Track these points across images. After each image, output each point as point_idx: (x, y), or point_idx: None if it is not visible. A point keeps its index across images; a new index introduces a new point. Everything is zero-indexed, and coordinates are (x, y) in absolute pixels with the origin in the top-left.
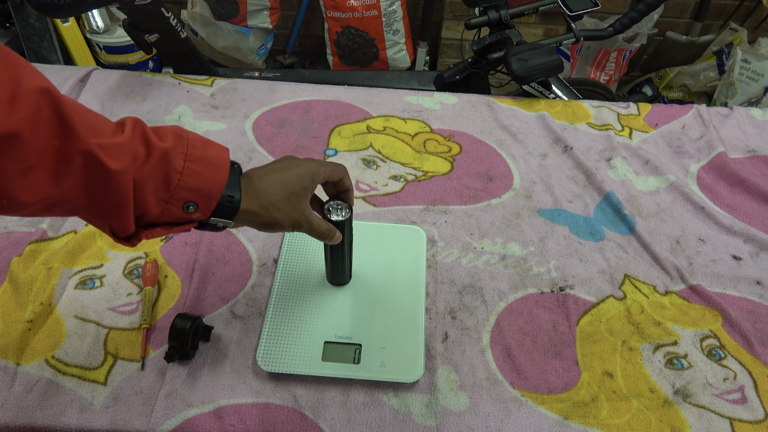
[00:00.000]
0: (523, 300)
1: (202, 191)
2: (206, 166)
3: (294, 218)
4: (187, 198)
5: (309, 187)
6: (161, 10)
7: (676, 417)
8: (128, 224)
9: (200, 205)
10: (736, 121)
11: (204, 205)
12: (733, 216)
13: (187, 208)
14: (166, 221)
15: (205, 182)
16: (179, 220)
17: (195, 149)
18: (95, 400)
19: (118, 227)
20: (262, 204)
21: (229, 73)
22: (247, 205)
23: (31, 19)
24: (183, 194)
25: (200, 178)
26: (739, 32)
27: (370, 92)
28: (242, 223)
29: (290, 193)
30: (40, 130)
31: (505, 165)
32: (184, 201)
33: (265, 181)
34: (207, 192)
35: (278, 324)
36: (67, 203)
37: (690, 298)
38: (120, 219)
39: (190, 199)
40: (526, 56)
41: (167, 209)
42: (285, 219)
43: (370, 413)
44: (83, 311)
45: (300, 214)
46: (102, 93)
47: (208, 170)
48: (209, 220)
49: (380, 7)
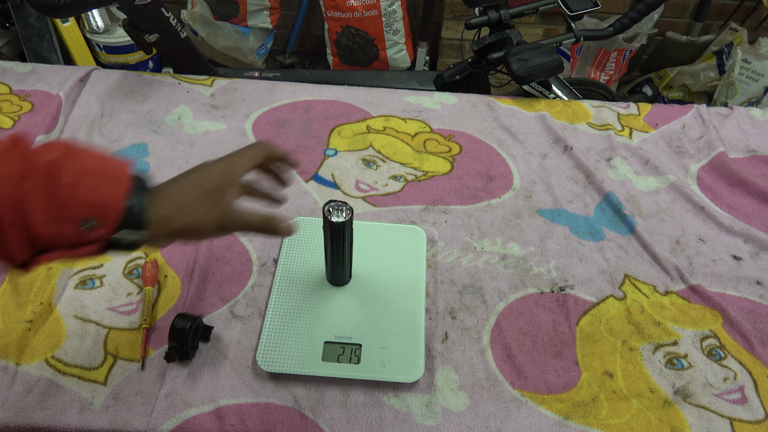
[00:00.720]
0: (523, 300)
1: (98, 205)
2: (102, 179)
3: (215, 218)
4: (82, 214)
5: (227, 182)
6: (161, 10)
7: (676, 417)
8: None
9: (99, 221)
10: (736, 121)
11: (104, 220)
12: (733, 216)
13: (85, 225)
14: (65, 243)
15: (102, 195)
16: (79, 241)
17: (88, 160)
18: (95, 400)
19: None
20: (175, 207)
21: (229, 73)
22: (157, 211)
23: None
24: (77, 210)
25: (95, 192)
26: (739, 32)
27: (370, 92)
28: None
29: (205, 192)
30: None
31: (505, 165)
32: (79, 218)
33: (177, 185)
34: (105, 205)
35: (278, 324)
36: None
37: (690, 298)
38: None
39: (87, 215)
40: (526, 56)
41: (62, 228)
42: (204, 221)
43: (370, 413)
44: (83, 311)
45: (221, 213)
46: (102, 93)
47: (105, 183)
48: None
49: (380, 7)
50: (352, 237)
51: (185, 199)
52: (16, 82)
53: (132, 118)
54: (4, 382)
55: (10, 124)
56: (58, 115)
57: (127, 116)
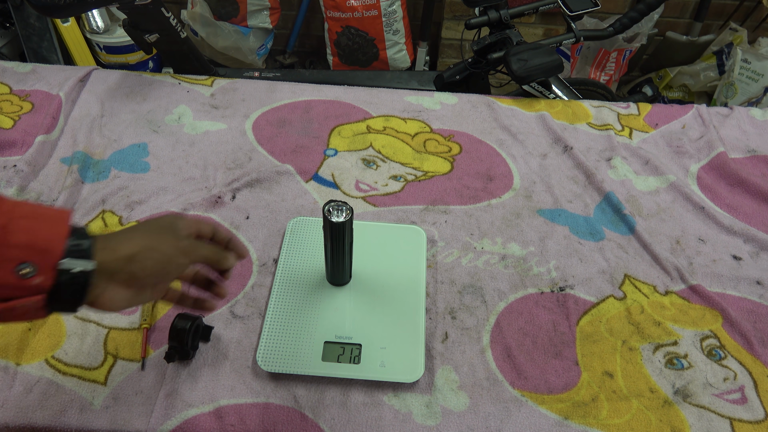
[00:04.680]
0: (523, 300)
1: (35, 246)
2: (39, 221)
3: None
4: (18, 258)
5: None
6: (161, 10)
7: (676, 417)
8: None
9: (39, 264)
10: (736, 121)
11: (43, 264)
12: (733, 216)
13: (22, 271)
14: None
15: (39, 236)
16: (18, 291)
17: (21, 208)
18: (95, 400)
19: None
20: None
21: (229, 73)
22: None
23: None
24: (11, 253)
25: (32, 233)
26: (739, 32)
27: (370, 92)
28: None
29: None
30: None
31: (505, 165)
32: (15, 262)
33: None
34: (43, 246)
35: (278, 324)
36: None
37: (690, 298)
38: None
39: (24, 258)
40: (526, 56)
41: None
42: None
43: (370, 413)
44: (83, 311)
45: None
46: (102, 93)
47: (43, 224)
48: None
49: (380, 7)
50: (352, 237)
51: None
52: (16, 82)
53: (132, 118)
54: (4, 382)
55: (10, 124)
56: (58, 115)
57: (127, 116)
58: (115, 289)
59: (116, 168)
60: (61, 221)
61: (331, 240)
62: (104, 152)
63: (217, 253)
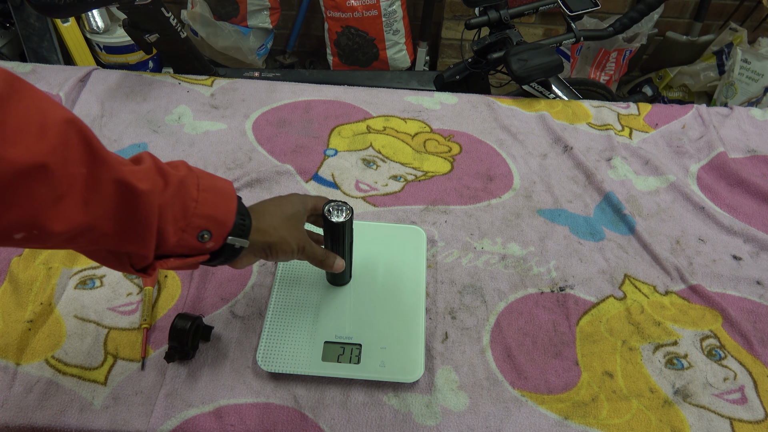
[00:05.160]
0: (523, 300)
1: (216, 219)
2: (217, 195)
3: (298, 238)
4: (202, 226)
5: (302, 211)
6: (161, 10)
7: (676, 417)
8: (149, 250)
9: (214, 233)
10: (736, 121)
11: (217, 233)
12: (733, 216)
13: (202, 236)
14: (181, 252)
15: (218, 210)
16: (193, 251)
17: (204, 179)
18: (95, 400)
19: (138, 256)
20: (270, 224)
21: (229, 73)
22: (257, 225)
23: (31, 19)
24: (198, 222)
25: (213, 206)
26: (739, 32)
27: (370, 92)
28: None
29: (289, 215)
30: (69, 158)
31: (505, 165)
32: (199, 229)
33: (264, 207)
34: (221, 219)
35: (278, 324)
36: (93, 231)
37: (690, 298)
38: (143, 245)
39: (205, 227)
40: (526, 56)
41: (183, 238)
42: (291, 238)
43: (370, 413)
44: (83, 311)
45: (302, 235)
46: (102, 93)
47: (220, 199)
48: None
49: (380, 7)
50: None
51: (275, 221)
52: None
53: (132, 118)
54: (4, 382)
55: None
56: None
57: (127, 116)
58: (250, 257)
59: None
60: (231, 197)
61: (331, 240)
62: None
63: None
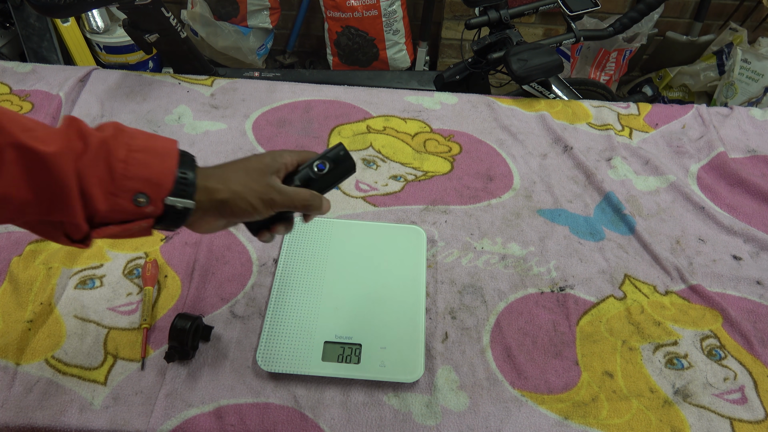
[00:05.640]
0: (523, 300)
1: (150, 180)
2: (152, 155)
3: (259, 191)
4: (135, 188)
5: (271, 164)
6: (161, 10)
7: (676, 417)
8: (77, 217)
9: (151, 196)
10: (736, 121)
11: (155, 195)
12: (733, 216)
13: (137, 200)
14: (119, 218)
15: (153, 170)
16: (132, 216)
17: (138, 140)
18: (95, 400)
19: (70, 225)
20: (220, 179)
21: (229, 73)
22: (204, 182)
23: (31, 19)
24: (130, 184)
25: (147, 167)
26: (739, 32)
27: (370, 92)
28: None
29: (249, 169)
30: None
31: (505, 165)
32: (133, 192)
33: (224, 165)
34: (156, 180)
35: (278, 324)
36: (10, 201)
37: (690, 298)
38: (68, 211)
39: (139, 189)
40: (526, 56)
41: (116, 203)
42: (248, 193)
43: (370, 413)
44: (83, 311)
45: (266, 186)
46: (102, 93)
47: (155, 159)
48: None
49: (380, 7)
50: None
51: (231, 175)
52: (16, 82)
53: (132, 118)
54: (4, 382)
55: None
56: (58, 115)
57: (127, 116)
58: (208, 219)
59: None
60: (171, 155)
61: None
62: None
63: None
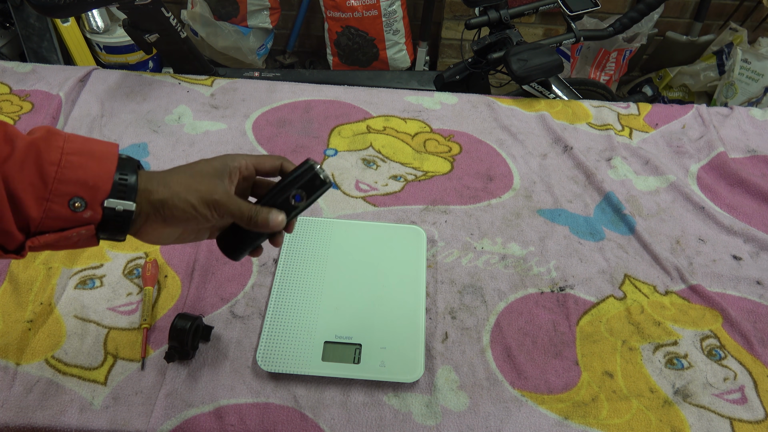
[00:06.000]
0: (523, 300)
1: (86, 183)
2: (89, 158)
3: (202, 191)
4: (70, 192)
5: (221, 168)
6: (161, 10)
7: (676, 417)
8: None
9: (88, 200)
10: (736, 121)
11: (92, 199)
12: (733, 216)
13: (73, 205)
14: (57, 226)
15: (89, 173)
16: (69, 223)
17: (73, 143)
18: (95, 400)
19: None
20: (162, 182)
21: (229, 73)
22: (145, 185)
23: (31, 19)
24: (65, 188)
25: (82, 170)
26: (739, 32)
27: (370, 92)
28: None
29: (197, 171)
30: None
31: (505, 165)
32: (68, 196)
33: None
34: (92, 183)
35: (278, 324)
36: None
37: (690, 298)
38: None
39: (75, 193)
40: (526, 56)
41: (50, 209)
42: (189, 193)
43: (370, 413)
44: (83, 311)
45: (211, 189)
46: (102, 93)
47: (91, 162)
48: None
49: (380, 7)
50: None
51: (174, 176)
52: (16, 82)
53: (132, 118)
54: (4, 382)
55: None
56: (58, 115)
57: (127, 116)
58: (153, 226)
59: None
60: (109, 158)
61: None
62: None
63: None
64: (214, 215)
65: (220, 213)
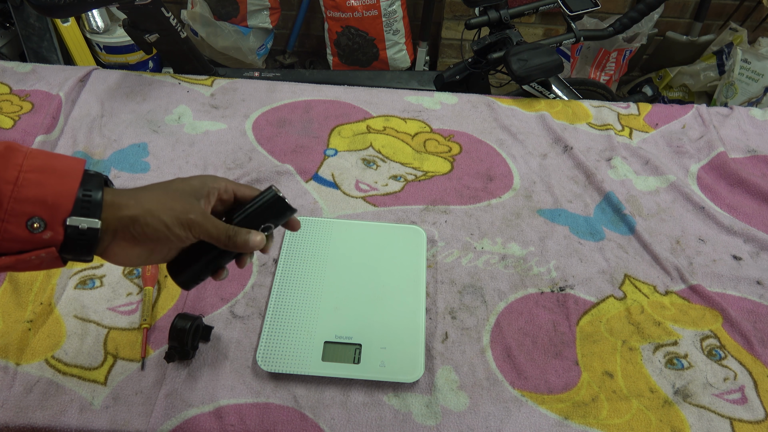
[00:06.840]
0: (523, 300)
1: (45, 201)
2: (48, 175)
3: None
4: (27, 212)
5: (199, 188)
6: (161, 10)
7: (676, 417)
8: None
9: (47, 220)
10: (736, 121)
11: (52, 218)
12: (733, 216)
13: (32, 225)
14: (16, 248)
15: (48, 191)
16: (28, 245)
17: (34, 159)
18: (95, 400)
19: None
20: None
21: (229, 73)
22: (113, 199)
23: (31, 19)
24: (21, 208)
25: (41, 187)
26: (739, 32)
27: (370, 92)
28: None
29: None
30: None
31: (505, 165)
32: (25, 216)
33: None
34: (52, 201)
35: (278, 324)
36: None
37: (690, 298)
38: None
39: (33, 213)
40: (526, 56)
41: (6, 229)
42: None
43: (370, 413)
44: (83, 311)
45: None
46: (102, 93)
47: (52, 179)
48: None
49: (380, 7)
50: None
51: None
52: (16, 82)
53: (132, 118)
54: (4, 382)
55: (10, 124)
56: (58, 115)
57: (127, 116)
58: (121, 245)
59: (116, 168)
60: (72, 175)
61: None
62: (104, 152)
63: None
64: (189, 235)
65: (195, 233)
